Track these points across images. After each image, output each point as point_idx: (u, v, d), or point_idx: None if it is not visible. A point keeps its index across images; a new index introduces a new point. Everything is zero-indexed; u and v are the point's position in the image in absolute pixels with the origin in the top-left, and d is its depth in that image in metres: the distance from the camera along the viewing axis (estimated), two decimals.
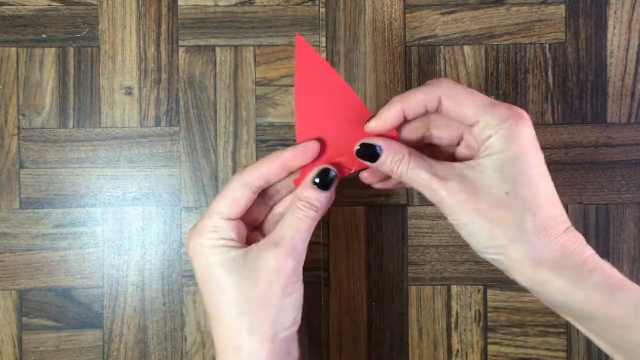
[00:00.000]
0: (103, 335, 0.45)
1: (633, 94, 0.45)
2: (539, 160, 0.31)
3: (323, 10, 0.45)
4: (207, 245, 0.33)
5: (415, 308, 0.45)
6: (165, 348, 0.45)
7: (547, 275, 0.30)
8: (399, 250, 0.45)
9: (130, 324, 0.45)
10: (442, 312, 0.45)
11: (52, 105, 0.45)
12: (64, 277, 0.45)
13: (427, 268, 0.45)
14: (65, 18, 0.45)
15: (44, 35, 0.45)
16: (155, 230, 0.45)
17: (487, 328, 0.45)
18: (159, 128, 0.45)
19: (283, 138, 0.45)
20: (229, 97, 0.45)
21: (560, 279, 0.30)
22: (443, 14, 0.45)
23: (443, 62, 0.45)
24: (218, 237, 0.33)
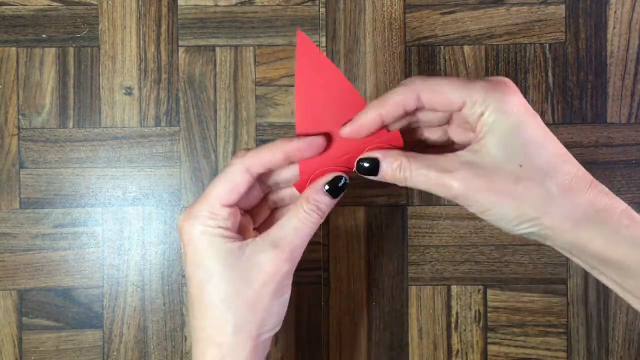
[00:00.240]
0: (103, 335, 0.45)
1: (633, 94, 0.45)
2: (539, 123, 0.30)
3: (323, 10, 0.45)
4: (202, 232, 0.31)
5: (415, 308, 0.45)
6: (165, 348, 0.45)
7: (585, 235, 0.29)
8: (399, 250, 0.45)
9: (130, 324, 0.45)
10: (442, 312, 0.45)
11: (52, 105, 0.45)
12: (64, 277, 0.45)
13: (427, 268, 0.45)
14: (65, 18, 0.45)
15: (44, 35, 0.45)
16: (155, 230, 0.45)
17: (487, 328, 0.45)
18: (159, 128, 0.45)
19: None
20: (229, 97, 0.45)
21: (599, 237, 0.29)
22: (443, 14, 0.45)
23: (443, 62, 0.45)
24: (215, 225, 0.31)
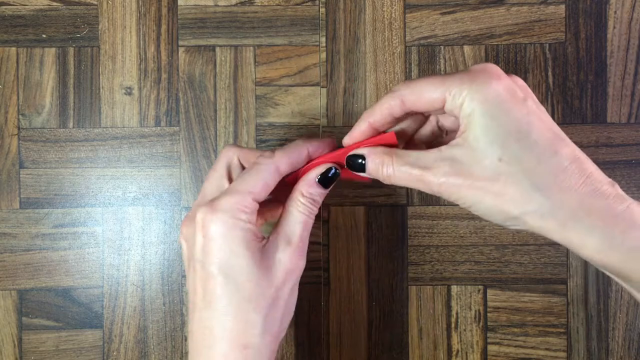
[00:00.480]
0: (103, 335, 0.45)
1: (633, 94, 0.45)
2: (525, 108, 0.28)
3: (323, 10, 0.45)
4: (234, 227, 0.30)
5: (415, 308, 0.45)
6: (165, 348, 0.45)
7: (576, 238, 0.27)
8: (399, 250, 0.45)
9: (130, 324, 0.45)
10: (442, 312, 0.45)
11: (52, 105, 0.45)
12: (64, 277, 0.45)
13: (427, 268, 0.45)
14: (65, 18, 0.45)
15: (44, 35, 0.45)
16: (155, 230, 0.45)
17: (487, 328, 0.45)
18: (159, 128, 0.45)
19: (283, 138, 0.45)
20: (229, 97, 0.45)
21: (592, 241, 0.27)
22: (443, 14, 0.45)
23: (443, 62, 0.45)
24: (247, 219, 0.30)
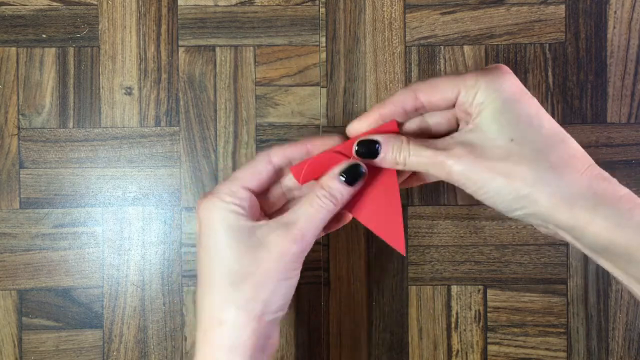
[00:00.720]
0: (103, 335, 0.45)
1: (633, 94, 0.45)
2: (534, 102, 0.30)
3: (323, 10, 0.45)
4: (219, 207, 0.32)
5: (415, 308, 0.45)
6: (165, 348, 0.45)
7: (584, 216, 0.28)
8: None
9: (130, 324, 0.45)
10: (442, 312, 0.45)
11: (52, 105, 0.45)
12: (64, 277, 0.45)
13: (427, 268, 0.45)
14: (65, 18, 0.45)
15: (44, 35, 0.45)
16: (155, 230, 0.45)
17: (487, 328, 0.45)
18: (159, 128, 0.45)
19: (283, 138, 0.45)
20: (229, 97, 0.45)
21: (600, 219, 0.28)
22: (443, 14, 0.45)
23: (443, 62, 0.45)
24: (232, 202, 0.32)
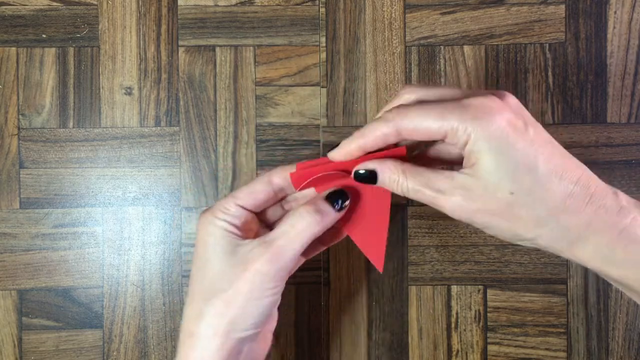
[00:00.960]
0: (103, 335, 0.45)
1: (633, 94, 0.45)
2: (529, 139, 0.29)
3: (323, 10, 0.45)
4: (210, 223, 0.33)
5: (415, 308, 0.45)
6: (165, 348, 0.45)
7: (582, 255, 0.30)
8: (399, 250, 0.45)
9: (130, 324, 0.45)
10: (442, 312, 0.45)
11: (52, 105, 0.45)
12: (64, 277, 0.45)
13: (427, 268, 0.45)
14: (65, 18, 0.45)
15: (44, 35, 0.45)
16: (155, 230, 0.45)
17: (487, 328, 0.45)
18: (159, 128, 0.45)
19: (283, 138, 0.45)
20: (229, 97, 0.45)
21: (596, 258, 0.30)
22: (443, 14, 0.45)
23: (443, 62, 0.45)
24: (223, 218, 0.33)
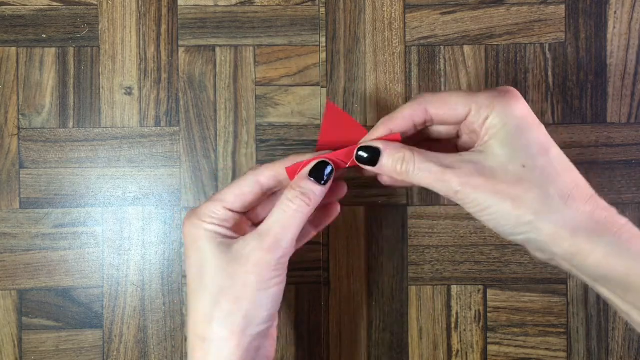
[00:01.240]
0: (103, 335, 0.45)
1: (633, 94, 0.45)
2: (543, 129, 0.31)
3: (323, 10, 0.45)
4: (200, 228, 0.32)
5: (415, 308, 0.45)
6: (165, 348, 0.45)
7: (585, 246, 0.29)
8: (399, 250, 0.45)
9: (130, 324, 0.45)
10: (442, 312, 0.45)
11: (52, 105, 0.45)
12: (64, 277, 0.45)
13: (427, 268, 0.45)
14: (65, 18, 0.45)
15: (44, 35, 0.45)
16: (155, 230, 0.45)
17: (487, 328, 0.45)
18: (159, 128, 0.45)
19: (283, 138, 0.45)
20: (229, 97, 0.45)
21: (601, 248, 0.29)
22: (443, 14, 0.45)
23: (443, 62, 0.45)
24: (213, 223, 0.32)
